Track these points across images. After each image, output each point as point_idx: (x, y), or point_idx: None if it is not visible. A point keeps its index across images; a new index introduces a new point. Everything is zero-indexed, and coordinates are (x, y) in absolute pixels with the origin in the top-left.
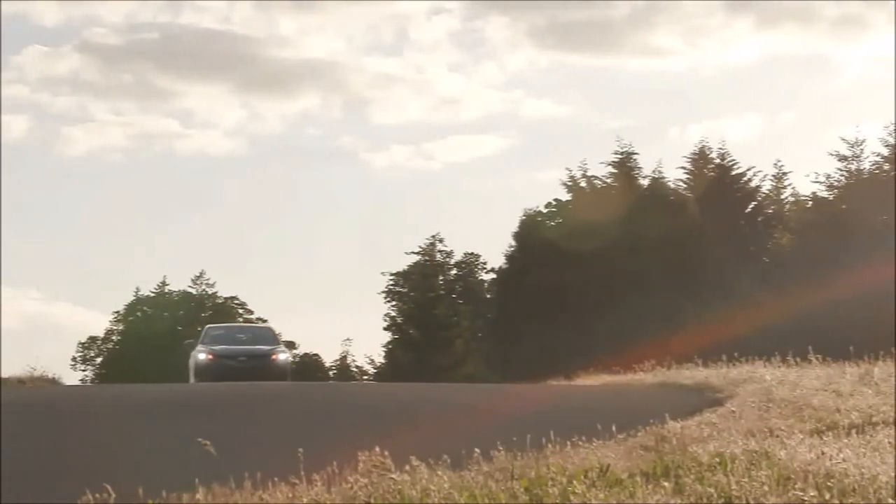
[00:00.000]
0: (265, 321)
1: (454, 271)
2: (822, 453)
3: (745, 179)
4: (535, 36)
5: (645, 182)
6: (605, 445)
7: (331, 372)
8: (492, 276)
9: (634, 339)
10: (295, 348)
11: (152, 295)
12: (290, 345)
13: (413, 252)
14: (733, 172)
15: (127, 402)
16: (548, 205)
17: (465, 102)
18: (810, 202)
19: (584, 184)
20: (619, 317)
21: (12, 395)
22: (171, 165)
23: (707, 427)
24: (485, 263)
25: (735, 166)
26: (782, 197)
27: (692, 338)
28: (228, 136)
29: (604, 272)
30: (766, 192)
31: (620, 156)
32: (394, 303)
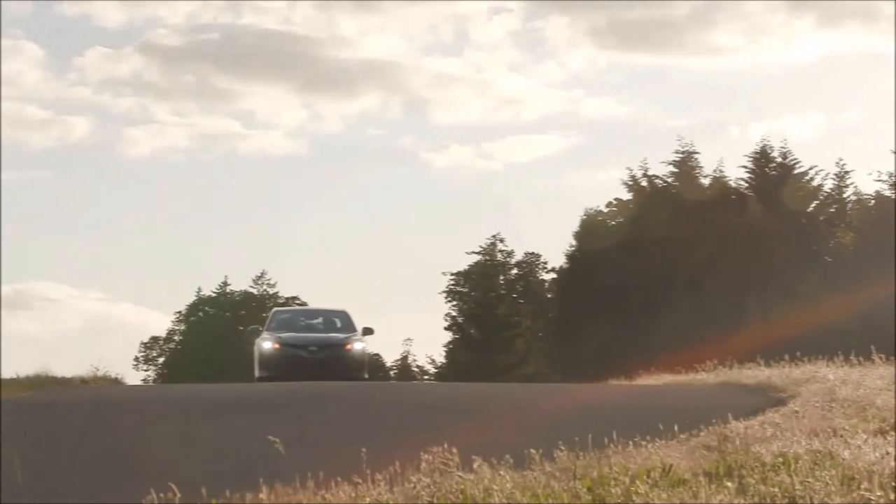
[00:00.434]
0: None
1: (515, 271)
2: (886, 453)
3: (807, 178)
4: (595, 35)
5: (706, 181)
6: (668, 445)
7: (391, 372)
8: (552, 275)
9: (695, 338)
10: (372, 334)
11: (214, 295)
12: (368, 331)
13: (474, 252)
14: (795, 171)
15: (189, 401)
16: (608, 204)
17: (526, 102)
18: (873, 201)
19: (644, 183)
20: (681, 316)
21: (76, 394)
22: (233, 166)
23: (770, 427)
24: (545, 263)
25: (797, 165)
26: (844, 196)
27: (754, 337)
28: (289, 136)
29: (665, 271)
30: (828, 190)
31: (681, 155)
32: (454, 303)
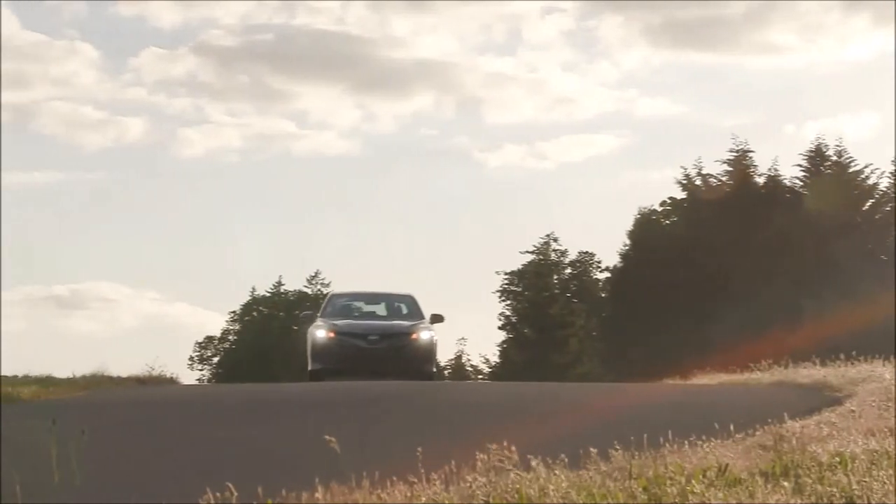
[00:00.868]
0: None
1: (569, 270)
2: None
3: (863, 177)
4: (649, 34)
5: (761, 180)
6: (723, 445)
7: (446, 371)
8: (606, 274)
9: (750, 337)
10: (442, 321)
11: (268, 295)
12: (438, 318)
13: (527, 251)
14: (850, 170)
15: (244, 400)
16: (663, 203)
17: (579, 102)
18: None
19: (699, 182)
20: (735, 315)
21: (133, 394)
22: (287, 166)
23: (826, 426)
24: (599, 262)
25: (852, 164)
26: None
27: (809, 336)
28: (343, 136)
29: (719, 270)
30: (884, 189)
31: (736, 153)
32: (508, 302)
